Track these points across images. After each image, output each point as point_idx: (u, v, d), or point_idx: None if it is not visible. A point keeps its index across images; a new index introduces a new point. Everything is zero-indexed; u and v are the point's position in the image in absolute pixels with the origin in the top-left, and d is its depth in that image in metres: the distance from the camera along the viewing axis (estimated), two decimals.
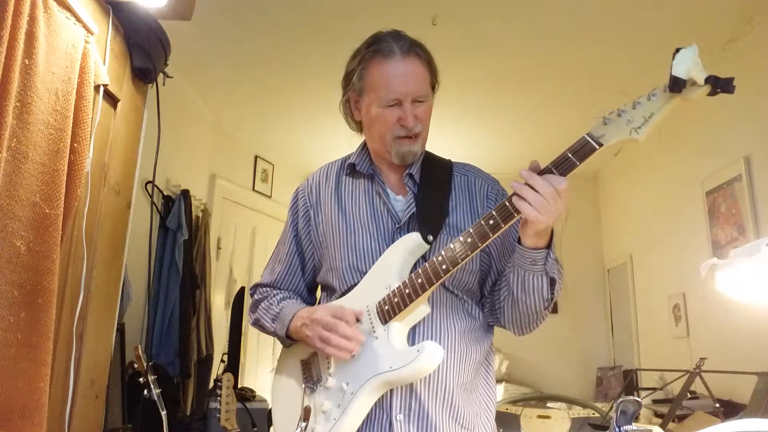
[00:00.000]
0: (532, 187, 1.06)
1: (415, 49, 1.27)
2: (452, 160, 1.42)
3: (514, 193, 1.09)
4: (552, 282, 1.19)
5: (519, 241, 1.16)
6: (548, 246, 1.15)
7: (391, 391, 1.19)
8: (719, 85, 0.96)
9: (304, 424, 1.15)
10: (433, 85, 1.33)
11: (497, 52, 3.24)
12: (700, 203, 3.27)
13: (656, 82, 0.99)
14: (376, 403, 1.19)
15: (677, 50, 0.98)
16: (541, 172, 1.08)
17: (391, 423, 1.19)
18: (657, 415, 2.99)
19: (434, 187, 1.32)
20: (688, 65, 0.97)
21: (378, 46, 1.27)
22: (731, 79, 0.96)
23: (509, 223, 1.11)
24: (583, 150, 1.06)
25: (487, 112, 4.03)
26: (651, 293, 4.06)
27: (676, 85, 0.98)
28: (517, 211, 1.09)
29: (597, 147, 1.05)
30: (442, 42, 3.14)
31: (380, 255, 1.26)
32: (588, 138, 1.06)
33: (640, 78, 3.38)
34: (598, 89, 3.60)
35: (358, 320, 1.22)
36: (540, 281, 1.17)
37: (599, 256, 5.08)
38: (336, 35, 2.93)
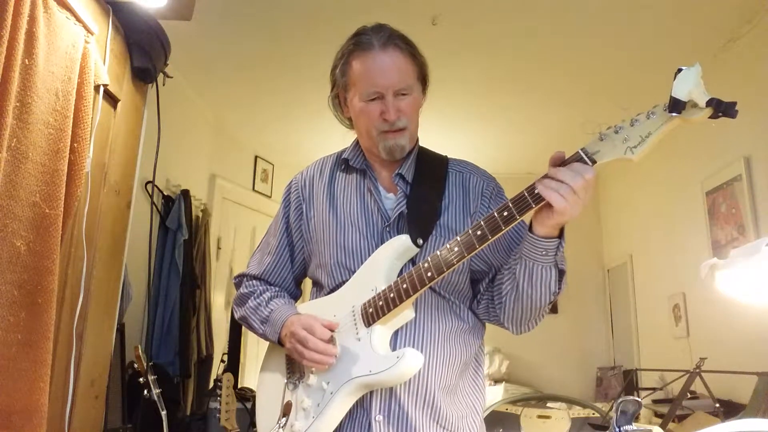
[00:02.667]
0: (560, 180, 1.03)
1: (394, 40, 1.25)
2: (449, 156, 1.41)
3: (513, 199, 1.07)
4: (560, 274, 1.16)
5: (531, 230, 1.12)
6: (560, 235, 1.12)
7: (372, 391, 1.19)
8: (721, 108, 0.93)
9: (284, 419, 1.16)
10: (423, 78, 1.31)
11: (497, 52, 3.24)
12: (700, 203, 3.27)
13: (655, 82, 0.96)
14: (357, 402, 1.19)
15: (679, 70, 0.95)
16: (530, 187, 1.06)
17: (370, 423, 1.19)
18: (657, 415, 2.99)
19: (427, 186, 1.30)
20: (689, 86, 0.94)
21: (357, 39, 1.27)
22: (734, 104, 0.93)
23: (496, 236, 1.08)
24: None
25: (486, 112, 4.03)
26: (651, 293, 4.06)
27: (676, 106, 0.95)
28: (507, 223, 1.07)
29: (590, 164, 1.03)
30: (442, 42, 3.16)
31: (368, 253, 1.25)
32: (582, 153, 1.04)
33: (639, 78, 3.39)
34: (598, 89, 3.60)
35: (333, 330, 1.22)
36: (548, 273, 1.14)
37: (599, 256, 5.08)
38: (336, 35, 2.90)
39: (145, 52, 1.92)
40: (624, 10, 2.80)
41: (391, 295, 1.16)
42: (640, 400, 1.00)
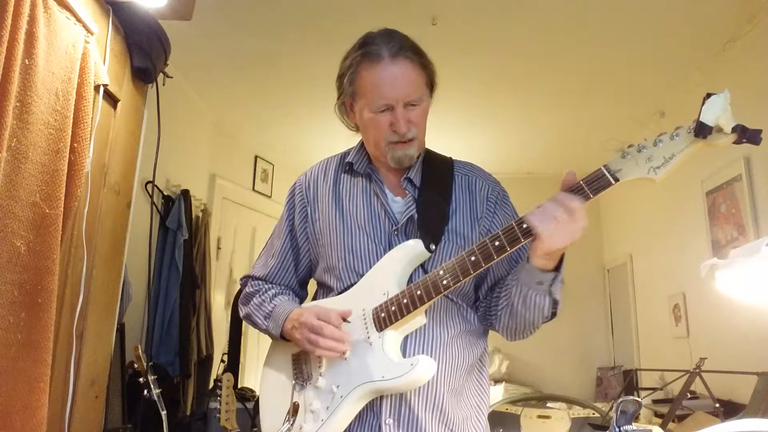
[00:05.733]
0: (545, 209, 1.05)
1: (405, 51, 1.23)
2: (453, 158, 1.41)
3: (527, 214, 1.08)
4: (555, 302, 1.18)
5: (528, 259, 1.14)
6: (557, 269, 1.14)
7: (382, 395, 1.19)
8: (746, 135, 0.95)
9: (291, 419, 1.15)
10: (431, 85, 1.30)
11: (497, 52, 3.24)
12: (700, 203, 3.27)
13: (655, 83, 0.97)
14: (366, 406, 1.19)
15: (708, 95, 0.96)
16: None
17: (380, 427, 1.19)
18: (657, 415, 2.99)
19: (435, 190, 1.30)
20: (717, 112, 0.95)
21: (367, 50, 1.24)
22: (759, 131, 0.95)
23: (515, 247, 1.09)
24: (598, 183, 1.04)
25: (486, 112, 4.03)
26: (651, 293, 4.06)
27: (702, 130, 0.96)
28: (525, 236, 1.08)
29: (613, 182, 1.03)
30: (442, 42, 3.15)
31: (377, 256, 1.25)
32: (605, 171, 1.04)
33: (639, 78, 3.39)
34: (598, 89, 3.60)
35: (345, 320, 1.21)
36: (543, 300, 1.16)
37: (599, 256, 5.08)
38: (336, 35, 2.92)
39: (145, 52, 1.92)
40: (624, 10, 2.80)
41: (405, 300, 1.16)
42: (640, 400, 1.00)
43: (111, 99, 1.80)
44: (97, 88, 1.66)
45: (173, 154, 3.36)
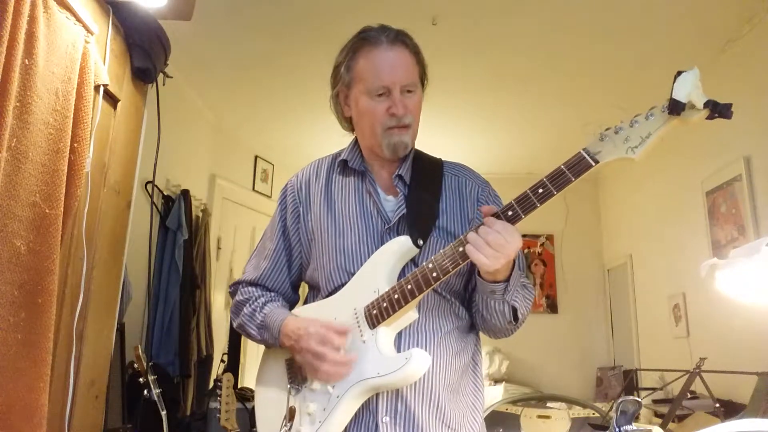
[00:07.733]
0: (483, 235, 1.08)
1: (402, 37, 1.28)
2: (443, 159, 1.41)
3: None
4: (514, 309, 1.20)
5: (477, 272, 1.17)
6: (508, 279, 1.16)
7: (377, 393, 1.19)
8: (717, 109, 0.98)
9: (289, 424, 1.15)
10: (422, 78, 1.32)
11: (497, 52, 3.23)
12: (700, 203, 3.27)
13: (656, 81, 0.98)
14: (363, 405, 1.19)
15: (679, 73, 0.99)
16: (534, 187, 1.09)
17: (377, 425, 1.19)
18: (657, 415, 2.99)
19: (425, 188, 1.31)
20: (688, 89, 0.97)
21: (364, 35, 1.29)
22: (729, 105, 0.97)
23: None
24: (578, 166, 1.06)
25: (487, 111, 4.03)
26: (651, 293, 4.06)
27: (675, 108, 0.99)
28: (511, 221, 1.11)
29: (593, 164, 1.06)
30: (442, 42, 3.16)
31: (368, 255, 1.25)
32: (584, 154, 1.06)
33: (639, 78, 3.39)
34: (599, 88, 3.60)
35: (345, 334, 1.21)
36: (502, 306, 1.19)
37: (599, 256, 5.07)
38: (336, 35, 2.89)
39: (145, 52, 1.92)
40: (624, 9, 2.80)
41: (396, 296, 1.16)
42: (640, 400, 1.00)
43: (111, 99, 1.80)
44: (97, 88, 1.66)
45: (173, 154, 3.36)
